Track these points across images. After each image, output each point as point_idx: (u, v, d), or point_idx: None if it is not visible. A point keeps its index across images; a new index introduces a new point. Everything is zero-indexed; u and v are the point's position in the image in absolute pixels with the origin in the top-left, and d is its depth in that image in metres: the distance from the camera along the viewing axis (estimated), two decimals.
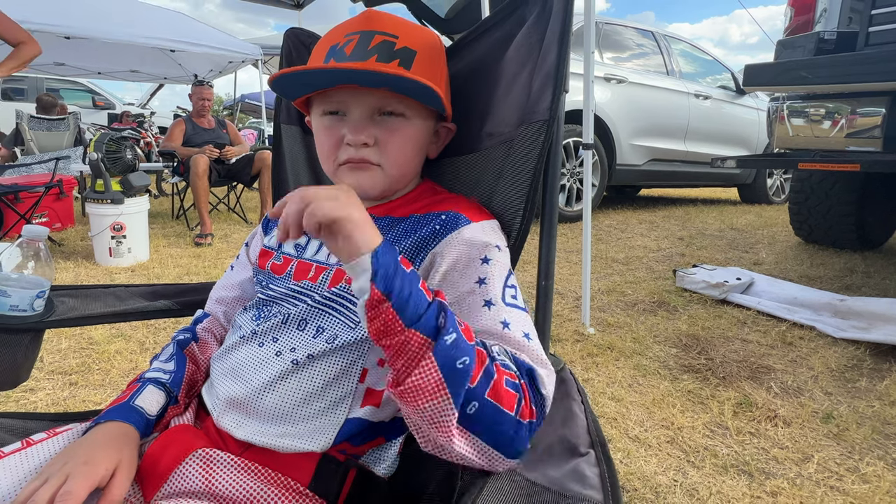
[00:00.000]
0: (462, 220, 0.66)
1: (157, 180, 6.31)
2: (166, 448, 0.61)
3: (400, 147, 0.69)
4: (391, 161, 0.69)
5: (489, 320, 0.59)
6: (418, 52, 0.67)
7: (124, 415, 0.63)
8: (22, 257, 0.74)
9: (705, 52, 6.04)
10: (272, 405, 0.62)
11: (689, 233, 4.47)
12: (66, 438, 0.62)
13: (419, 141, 0.72)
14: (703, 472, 1.34)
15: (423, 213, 0.69)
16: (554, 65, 0.69)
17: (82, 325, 0.83)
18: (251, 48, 6.77)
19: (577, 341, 2.14)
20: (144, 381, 0.68)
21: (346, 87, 0.67)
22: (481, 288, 0.61)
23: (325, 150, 0.72)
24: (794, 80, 2.73)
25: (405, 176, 0.73)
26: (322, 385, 0.63)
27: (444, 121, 0.76)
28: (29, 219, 3.68)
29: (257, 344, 0.67)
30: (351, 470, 0.63)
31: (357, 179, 0.69)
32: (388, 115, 0.69)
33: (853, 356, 2.03)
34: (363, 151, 0.68)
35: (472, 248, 0.63)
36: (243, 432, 0.63)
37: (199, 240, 3.85)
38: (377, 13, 0.68)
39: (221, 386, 0.67)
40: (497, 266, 0.63)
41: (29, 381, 1.59)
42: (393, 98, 0.67)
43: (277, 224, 0.78)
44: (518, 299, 0.63)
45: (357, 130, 0.67)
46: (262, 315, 0.70)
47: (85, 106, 9.22)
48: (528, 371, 0.55)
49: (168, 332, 2.20)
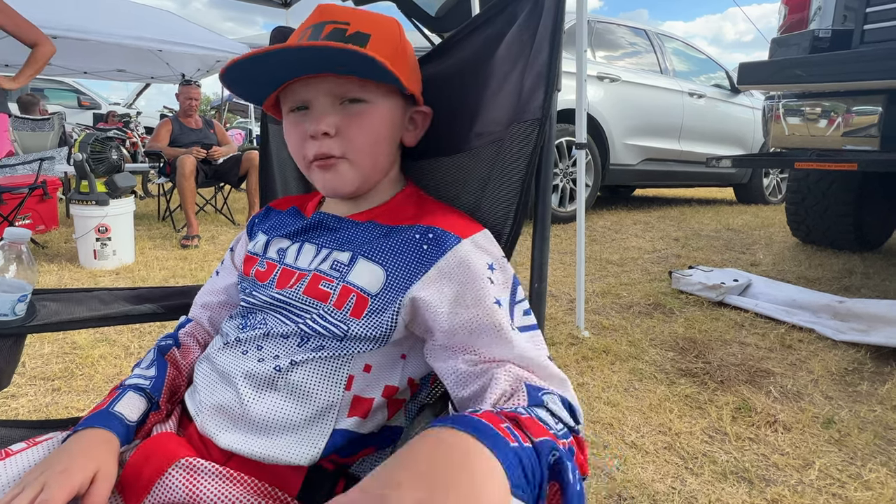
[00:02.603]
0: (450, 239, 0.63)
1: (143, 181, 6.26)
2: (149, 457, 0.60)
3: (364, 134, 0.67)
4: (356, 149, 0.67)
5: (510, 350, 0.57)
6: (372, 35, 0.66)
7: (104, 421, 0.61)
8: (4, 260, 0.72)
9: (699, 50, 6.04)
10: (257, 414, 0.61)
11: (684, 233, 4.45)
12: (46, 448, 0.61)
13: (386, 126, 0.69)
14: (701, 479, 1.31)
15: (410, 224, 0.67)
16: (545, 63, 0.68)
17: (65, 329, 0.83)
18: (239, 47, 6.71)
19: (571, 345, 2.11)
20: (125, 388, 0.67)
21: (304, 80, 0.66)
22: (496, 313, 0.58)
23: (294, 147, 0.70)
24: (789, 78, 2.71)
25: (378, 165, 0.70)
26: (306, 392, 0.61)
27: (416, 105, 0.74)
28: (12, 220, 3.65)
29: (241, 351, 0.66)
30: (340, 479, 0.62)
31: (326, 180, 0.68)
32: (350, 103, 0.66)
33: (853, 359, 2.00)
34: (326, 143, 0.66)
35: (467, 271, 0.61)
36: (227, 440, 0.60)
37: (185, 242, 3.81)
38: (329, 6, 0.68)
39: (205, 392, 0.66)
40: (500, 284, 0.61)
41: (10, 387, 1.56)
42: (352, 83, 0.65)
43: (264, 229, 0.77)
44: (530, 315, 0.61)
45: (317, 120, 0.65)
46: (247, 324, 0.69)
47: (70, 106, 9.12)
48: (567, 405, 0.53)
49: (153, 336, 2.15)
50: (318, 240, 0.70)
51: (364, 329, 0.61)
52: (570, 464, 0.45)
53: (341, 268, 0.65)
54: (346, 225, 0.70)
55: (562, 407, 0.52)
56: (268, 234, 0.76)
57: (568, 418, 0.51)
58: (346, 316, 0.62)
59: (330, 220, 0.71)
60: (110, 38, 5.51)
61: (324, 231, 0.71)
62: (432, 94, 0.77)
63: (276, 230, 0.76)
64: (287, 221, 0.77)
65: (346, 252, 0.66)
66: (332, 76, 0.65)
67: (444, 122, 0.78)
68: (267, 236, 0.76)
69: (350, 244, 0.67)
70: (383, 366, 0.64)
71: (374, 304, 0.62)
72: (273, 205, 0.84)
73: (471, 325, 0.58)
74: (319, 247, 0.69)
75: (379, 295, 0.62)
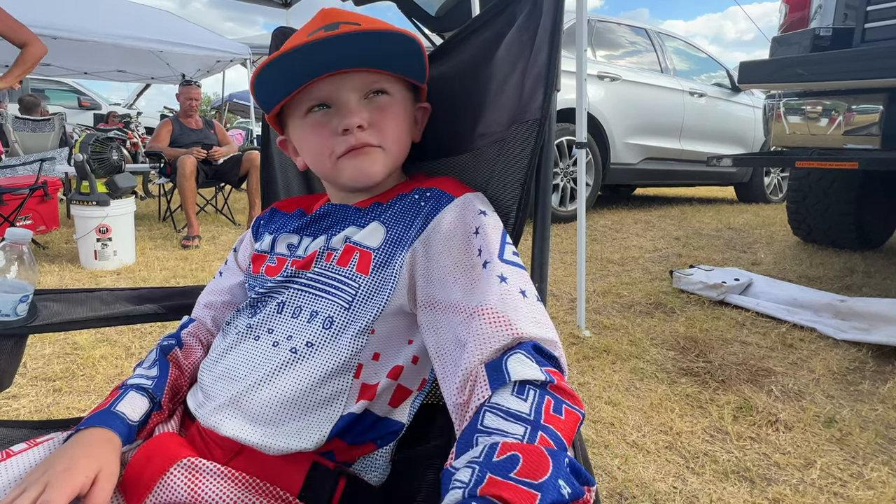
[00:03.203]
0: (445, 197, 0.66)
1: (143, 181, 6.26)
2: (150, 457, 0.60)
3: (393, 124, 0.70)
4: (390, 139, 0.69)
5: (492, 288, 0.56)
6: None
7: (105, 421, 0.61)
8: (5, 261, 0.73)
9: (700, 49, 6.03)
10: (265, 401, 0.61)
11: (685, 233, 4.45)
12: (47, 448, 0.61)
13: (407, 117, 0.73)
14: (703, 479, 1.31)
15: (409, 190, 0.70)
16: (545, 64, 0.69)
17: (67, 329, 0.83)
18: (240, 47, 6.72)
19: (572, 344, 2.11)
20: (126, 388, 0.67)
21: (328, 77, 0.66)
22: (480, 257, 0.59)
23: (316, 147, 0.70)
24: (789, 77, 2.70)
25: (401, 155, 0.73)
26: (318, 380, 0.61)
27: (419, 102, 0.77)
28: (13, 221, 3.65)
29: (253, 338, 0.66)
30: (341, 478, 0.62)
31: (360, 165, 0.68)
32: (375, 95, 0.69)
33: (855, 358, 2.00)
34: (360, 136, 0.67)
35: (460, 224, 0.63)
36: (231, 428, 0.60)
37: (186, 242, 3.81)
38: (333, 9, 0.70)
39: (212, 389, 0.65)
40: (488, 229, 0.62)
41: (12, 387, 1.58)
42: (378, 76, 0.68)
43: (270, 230, 0.77)
44: (517, 257, 0.61)
45: (349, 114, 0.66)
46: (256, 311, 0.69)
47: (70, 106, 9.12)
48: (537, 349, 0.51)
49: (154, 336, 2.15)
50: (327, 230, 0.71)
51: (372, 283, 0.63)
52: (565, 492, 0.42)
53: (345, 238, 0.68)
54: (351, 212, 0.72)
55: (529, 360, 0.49)
56: (274, 233, 0.77)
57: (537, 373, 0.48)
58: (353, 272, 0.64)
59: (337, 209, 0.73)
60: (110, 39, 5.52)
61: (332, 220, 0.73)
62: (435, 95, 0.78)
63: (282, 229, 0.77)
64: (293, 221, 0.77)
65: (351, 227, 0.69)
66: (359, 71, 0.66)
67: (447, 123, 0.79)
68: (273, 235, 0.76)
69: (355, 223, 0.70)
70: (391, 353, 0.65)
71: (378, 257, 0.64)
72: (277, 206, 0.84)
73: (449, 277, 0.59)
74: (329, 236, 0.70)
75: (380, 248, 0.65)
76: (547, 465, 0.42)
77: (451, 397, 0.53)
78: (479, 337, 0.52)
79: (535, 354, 0.50)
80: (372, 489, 0.65)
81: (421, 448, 0.73)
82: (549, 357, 0.51)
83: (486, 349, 0.51)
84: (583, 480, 0.42)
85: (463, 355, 0.53)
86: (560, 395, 0.48)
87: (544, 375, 0.48)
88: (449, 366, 0.56)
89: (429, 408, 0.76)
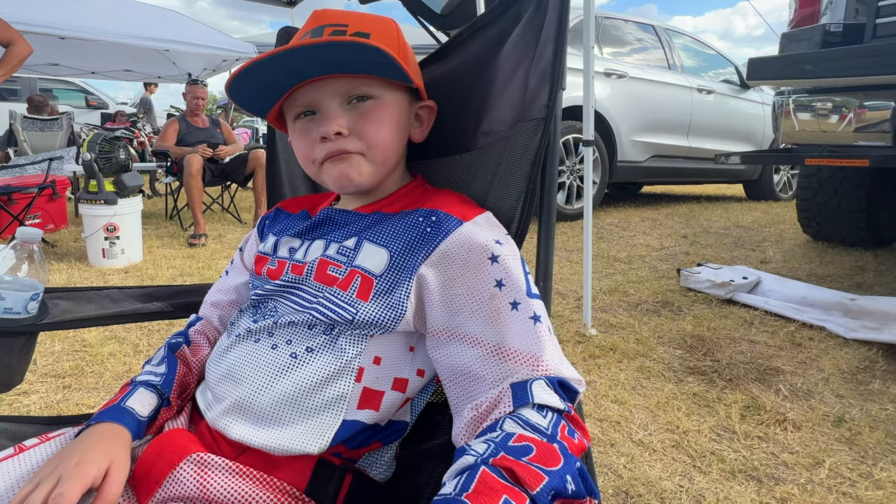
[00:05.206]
0: (452, 221, 0.64)
1: (150, 180, 6.30)
2: (160, 453, 0.60)
3: (376, 129, 0.67)
4: (371, 144, 0.67)
5: (502, 334, 0.58)
6: (371, 34, 0.67)
7: (115, 416, 0.62)
8: (16, 259, 0.73)
9: (708, 45, 5.99)
10: (268, 403, 0.61)
11: (693, 231, 4.42)
12: (58, 443, 0.62)
13: (395, 120, 0.70)
14: (709, 478, 1.31)
15: (412, 208, 0.68)
16: (550, 62, 0.69)
17: (77, 327, 0.84)
18: (246, 46, 6.73)
19: (578, 342, 2.10)
20: (136, 384, 0.68)
21: (309, 84, 0.66)
22: (502, 291, 0.59)
23: (302, 153, 0.70)
24: (799, 73, 2.68)
25: (390, 160, 0.71)
26: (318, 382, 0.61)
27: (420, 101, 0.75)
28: (22, 220, 3.68)
29: (253, 341, 0.66)
30: (347, 474, 0.63)
31: (340, 170, 0.67)
32: (358, 101, 0.67)
33: (865, 357, 1.98)
34: (340, 143, 0.66)
35: (469, 253, 0.62)
36: (238, 432, 0.61)
37: (192, 240, 3.83)
38: (325, 10, 0.69)
39: (218, 388, 0.66)
40: (509, 260, 0.62)
41: (22, 384, 1.59)
42: (359, 81, 0.66)
43: (274, 231, 0.78)
44: (532, 280, 0.63)
45: (328, 121, 0.65)
46: (258, 314, 0.70)
47: (78, 106, 9.17)
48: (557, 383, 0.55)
49: (162, 334, 2.17)
50: (327, 235, 0.71)
51: (372, 311, 0.62)
52: (569, 487, 0.46)
53: (348, 252, 0.66)
54: (353, 217, 0.71)
55: (551, 390, 0.54)
56: (277, 235, 0.77)
57: (557, 402, 0.53)
58: (352, 298, 0.63)
59: (337, 214, 0.73)
60: (117, 38, 5.53)
61: (332, 226, 0.72)
62: (439, 93, 0.77)
63: (285, 232, 0.77)
64: (296, 223, 0.77)
65: (352, 238, 0.68)
66: (338, 76, 0.65)
67: (451, 120, 0.78)
68: (276, 237, 0.76)
69: (356, 232, 0.69)
70: (392, 358, 0.64)
71: (380, 285, 0.63)
72: (282, 205, 0.85)
73: (466, 308, 0.60)
74: (329, 241, 0.70)
75: (383, 276, 0.63)
76: (558, 460, 0.47)
77: (463, 418, 0.57)
78: (504, 373, 0.56)
79: (557, 387, 0.54)
80: (377, 485, 0.66)
81: (426, 445, 0.73)
82: (570, 393, 0.55)
83: (512, 381, 0.56)
84: (587, 488, 0.46)
85: (480, 388, 0.57)
86: (573, 425, 0.52)
87: (563, 405, 0.53)
88: (462, 395, 0.58)
89: (434, 405, 0.76)
